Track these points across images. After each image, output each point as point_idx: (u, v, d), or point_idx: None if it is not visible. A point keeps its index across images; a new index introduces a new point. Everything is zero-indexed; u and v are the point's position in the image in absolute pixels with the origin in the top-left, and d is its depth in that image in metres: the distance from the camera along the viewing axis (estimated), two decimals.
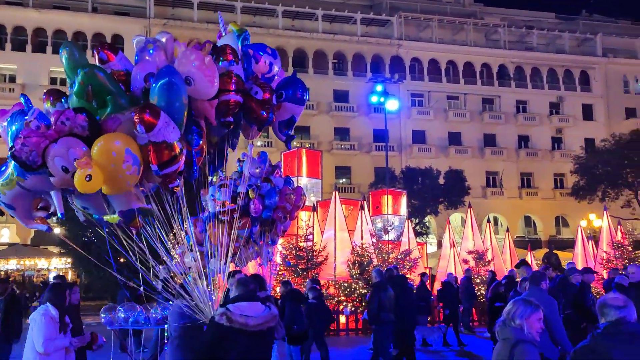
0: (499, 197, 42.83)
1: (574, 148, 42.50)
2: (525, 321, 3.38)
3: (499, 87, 44.89)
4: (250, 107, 4.86)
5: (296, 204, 6.61)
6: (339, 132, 42.11)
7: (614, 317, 3.10)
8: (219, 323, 3.77)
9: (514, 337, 3.36)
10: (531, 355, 3.26)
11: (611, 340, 2.99)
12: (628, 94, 46.90)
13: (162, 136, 4.07)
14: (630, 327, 3.03)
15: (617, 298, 3.21)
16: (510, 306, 3.52)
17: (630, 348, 2.92)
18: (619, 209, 34.92)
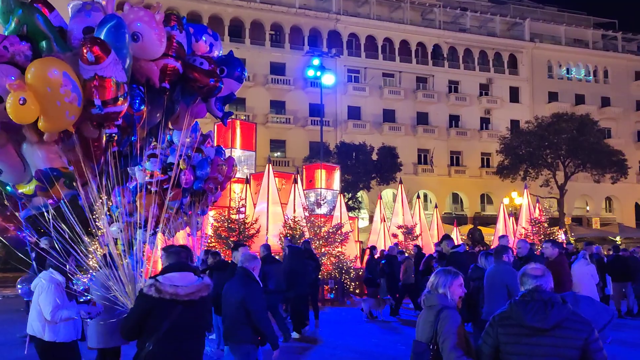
0: (430, 174, 44.13)
1: (501, 129, 44.33)
2: (448, 289, 3.60)
3: (432, 66, 45.85)
4: (195, 78, 4.73)
5: (228, 175, 6.48)
6: (274, 105, 41.72)
7: (531, 285, 3.24)
8: (147, 294, 3.72)
9: (439, 304, 3.55)
10: (453, 318, 3.46)
11: (525, 306, 3.13)
12: (552, 78, 49.22)
13: (110, 72, 3.84)
14: (544, 295, 3.17)
15: (536, 268, 3.34)
16: (434, 277, 3.72)
17: (542, 314, 3.06)
18: (538, 187, 36.98)
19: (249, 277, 5.14)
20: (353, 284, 16.76)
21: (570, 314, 3.11)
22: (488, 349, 3.24)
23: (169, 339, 3.68)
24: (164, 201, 5.50)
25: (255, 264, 5.27)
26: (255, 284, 5.14)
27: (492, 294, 6.46)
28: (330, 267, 16.02)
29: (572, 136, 36.24)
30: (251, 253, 5.79)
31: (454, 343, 3.36)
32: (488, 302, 6.54)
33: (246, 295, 4.98)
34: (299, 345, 9.73)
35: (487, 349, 3.24)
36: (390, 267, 13.65)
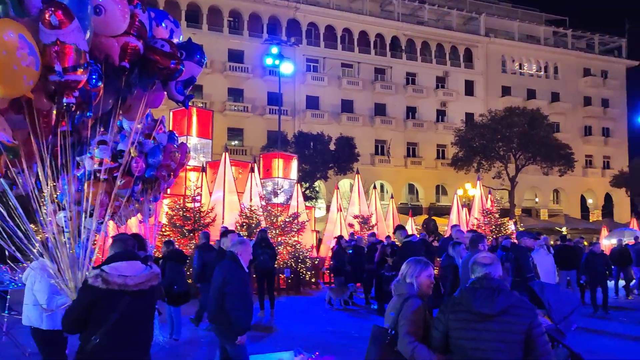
0: (386, 165, 44.63)
1: (456, 121, 45.21)
2: (415, 279, 3.69)
3: (391, 58, 46.24)
4: (155, 60, 4.60)
5: (181, 162, 6.33)
6: (232, 93, 41.22)
7: (481, 273, 3.34)
8: (93, 286, 3.55)
9: (407, 292, 3.65)
10: (415, 306, 3.54)
11: (474, 293, 3.23)
12: (505, 73, 50.49)
13: (73, 38, 3.66)
14: (493, 282, 3.27)
15: (486, 257, 3.44)
16: (405, 266, 3.80)
17: (489, 301, 3.16)
18: (491, 179, 38.00)
19: (235, 261, 5.18)
20: (309, 273, 16.82)
21: (517, 300, 3.20)
22: (439, 334, 3.32)
23: (118, 331, 3.56)
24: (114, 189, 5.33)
25: (243, 249, 5.28)
26: (237, 269, 5.15)
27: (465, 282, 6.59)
28: (287, 256, 16.02)
29: (524, 130, 37.34)
30: (241, 238, 5.82)
31: (407, 329, 3.45)
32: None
33: (225, 278, 5.06)
34: (254, 334, 9.70)
35: (438, 334, 3.33)
36: (357, 256, 13.79)
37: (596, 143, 52.01)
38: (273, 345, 8.34)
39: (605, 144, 52.38)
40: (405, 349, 3.39)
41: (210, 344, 8.74)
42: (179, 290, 8.00)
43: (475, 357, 3.12)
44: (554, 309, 6.34)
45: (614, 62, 54.31)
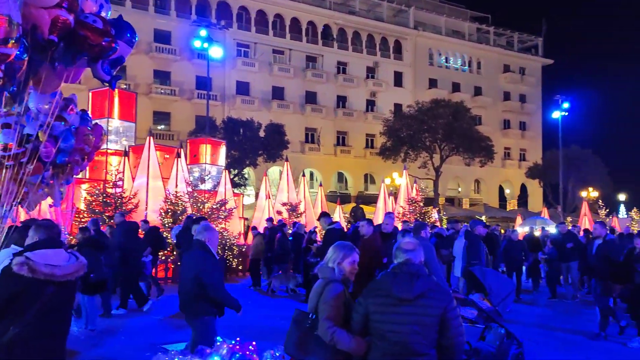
0: (316, 153, 44.86)
1: (385, 111, 46.08)
2: (337, 264, 3.69)
3: (322, 46, 46.33)
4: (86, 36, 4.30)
5: (96, 145, 5.95)
6: (159, 75, 39.84)
7: (402, 258, 3.39)
8: (17, 274, 3.30)
9: (329, 277, 3.65)
10: (335, 291, 3.54)
11: (394, 278, 3.29)
12: (432, 66, 51.98)
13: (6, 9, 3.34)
14: (412, 267, 3.33)
15: (409, 242, 3.50)
16: (331, 250, 3.79)
17: (407, 285, 3.24)
18: (417, 169, 39.11)
19: (204, 249, 5.16)
20: (236, 260, 16.62)
21: (433, 285, 3.29)
22: (359, 317, 3.36)
23: (38, 321, 3.36)
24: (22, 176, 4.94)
25: (210, 235, 5.25)
26: (210, 258, 5.13)
27: None
28: None
29: (448, 121, 38.66)
30: (207, 224, 5.73)
31: (327, 314, 3.46)
32: None
33: (201, 269, 5.02)
34: (177, 323, 9.48)
35: (358, 317, 3.37)
36: (297, 244, 13.82)
37: (514, 136, 54.78)
38: None
39: (522, 137, 55.30)
40: (324, 333, 3.41)
41: (127, 332, 8.46)
42: (97, 279, 7.65)
43: (393, 339, 3.20)
44: (494, 293, 6.75)
45: (531, 59, 57.24)
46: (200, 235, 5.26)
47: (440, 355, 3.24)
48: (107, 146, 16.76)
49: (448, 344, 3.22)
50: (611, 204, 44.63)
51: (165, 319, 9.71)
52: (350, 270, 3.70)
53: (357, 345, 3.34)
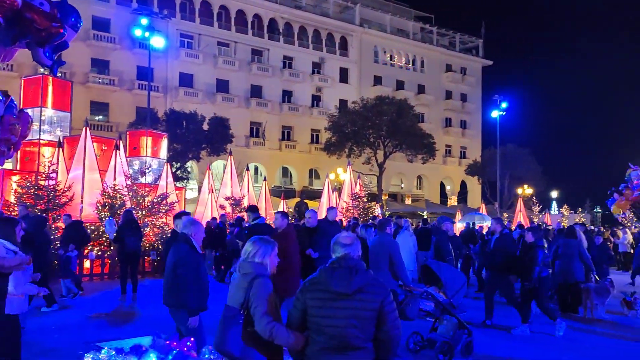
0: (261, 148, 44.54)
1: (330, 107, 46.32)
2: (268, 258, 3.64)
3: (268, 40, 45.97)
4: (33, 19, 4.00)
5: (23, 135, 5.62)
6: (97, 64, 38.38)
7: (341, 253, 3.37)
8: None
9: (254, 272, 3.55)
10: (266, 286, 3.50)
11: (332, 273, 3.26)
12: (377, 63, 52.63)
13: None
14: (351, 262, 3.32)
15: (347, 237, 3.47)
16: (251, 246, 3.69)
17: (346, 280, 3.22)
18: (361, 165, 39.52)
19: (186, 242, 5.20)
20: None
21: (371, 279, 3.29)
22: (297, 312, 3.33)
23: None
24: None
25: (195, 229, 5.29)
26: (191, 251, 5.16)
27: (378, 263, 6.89)
28: (153, 238, 15.32)
29: (392, 118, 39.24)
30: (192, 219, 5.68)
31: (265, 310, 3.41)
32: (374, 270, 6.80)
33: (177, 261, 5.11)
34: (114, 319, 9.16)
35: (296, 312, 3.34)
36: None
37: (455, 134, 56.34)
38: (133, 331, 7.92)
39: (463, 135, 56.96)
40: (263, 329, 3.35)
41: (59, 330, 8.11)
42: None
43: (331, 333, 3.19)
44: (449, 286, 7.01)
45: (471, 60, 59.00)
46: (187, 229, 5.30)
47: (377, 349, 3.26)
48: (40, 136, 15.99)
49: (385, 337, 3.24)
50: (544, 200, 46.81)
51: (96, 316, 9.37)
52: (275, 264, 3.69)
53: (295, 340, 3.31)
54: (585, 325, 9.65)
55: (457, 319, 6.94)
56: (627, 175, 18.04)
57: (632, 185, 17.48)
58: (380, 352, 3.25)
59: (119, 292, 10.96)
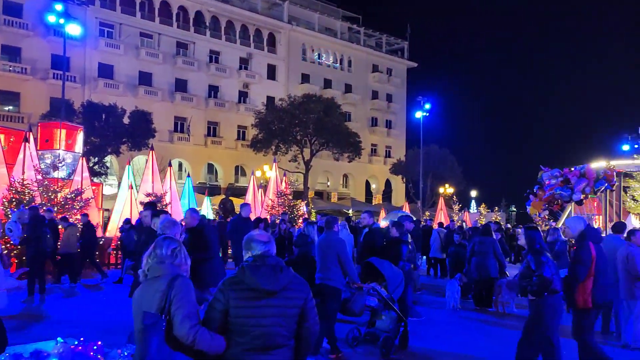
0: (186, 143, 43.44)
1: (257, 104, 45.88)
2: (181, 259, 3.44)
3: (194, 33, 44.86)
4: None
5: None
6: (7, 51, 35.88)
7: (260, 250, 3.29)
8: None
9: (171, 272, 3.34)
10: (189, 287, 3.32)
11: (257, 271, 3.18)
12: (305, 61, 52.75)
13: None
14: (273, 260, 3.28)
15: (262, 234, 3.41)
16: (162, 248, 3.45)
17: (272, 278, 3.17)
18: (287, 162, 39.44)
19: None
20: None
21: (293, 277, 3.27)
22: (218, 314, 3.19)
23: None
24: None
25: (176, 230, 5.12)
26: None
27: (326, 261, 6.95)
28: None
29: (319, 117, 39.46)
30: (171, 219, 5.45)
31: (186, 312, 3.19)
32: (322, 268, 6.98)
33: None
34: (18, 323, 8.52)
35: (217, 314, 3.19)
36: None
37: (380, 134, 57.56)
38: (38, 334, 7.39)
39: (388, 135, 58.30)
40: (186, 334, 3.13)
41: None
42: None
43: (256, 333, 3.12)
44: (390, 281, 7.31)
45: (397, 61, 60.49)
46: (166, 229, 5.11)
47: (298, 345, 3.26)
48: None
49: (307, 333, 3.25)
50: (464, 199, 48.84)
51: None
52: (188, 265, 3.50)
53: (218, 344, 3.16)
54: (498, 319, 10.10)
55: (396, 313, 7.23)
56: (539, 177, 19.05)
57: (544, 186, 18.46)
58: (301, 348, 3.27)
59: (25, 295, 10.25)
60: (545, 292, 5.67)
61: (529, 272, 5.79)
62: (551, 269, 5.73)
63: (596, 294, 6.06)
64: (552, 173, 18.21)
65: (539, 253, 5.81)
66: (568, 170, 17.84)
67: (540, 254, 5.79)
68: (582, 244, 6.14)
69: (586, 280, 6.00)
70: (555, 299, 5.79)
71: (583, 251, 6.07)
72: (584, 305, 6.02)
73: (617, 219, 21.44)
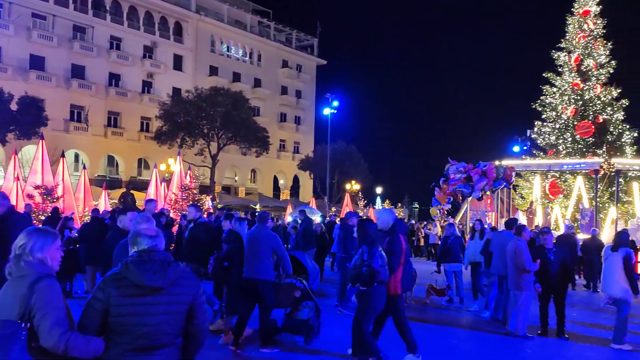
0: (83, 133, 41.03)
1: (162, 94, 44.16)
2: (47, 254, 3.03)
3: (93, 17, 42.33)
4: None
5: None
6: None
7: (147, 245, 3.12)
8: None
9: (36, 272, 2.93)
10: (54, 288, 2.93)
11: (144, 266, 3.00)
12: (214, 53, 51.55)
13: None
14: (160, 254, 3.10)
15: (150, 228, 3.27)
16: (25, 239, 3.02)
17: (160, 274, 2.98)
18: (193, 156, 38.37)
19: None
20: None
21: (182, 272, 3.14)
22: (97, 313, 2.93)
23: None
24: None
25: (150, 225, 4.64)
26: None
27: (258, 254, 7.01)
28: None
29: (227, 110, 38.75)
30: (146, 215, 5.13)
31: (54, 319, 2.82)
32: (250, 262, 7.02)
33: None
34: None
35: (96, 313, 2.93)
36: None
37: (289, 129, 57.65)
38: None
39: (297, 130, 58.53)
40: (56, 344, 2.77)
41: None
42: None
43: (141, 332, 2.93)
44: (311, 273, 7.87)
45: (307, 58, 60.85)
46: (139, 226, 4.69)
47: (186, 342, 3.13)
48: None
49: (196, 330, 3.13)
50: (370, 196, 50.19)
51: None
52: (58, 257, 3.10)
53: (95, 347, 2.88)
54: None
55: (314, 303, 7.56)
56: (445, 169, 19.80)
57: (449, 180, 19.23)
58: (190, 346, 3.14)
59: None
60: (375, 282, 6.05)
61: (362, 262, 6.13)
62: (382, 261, 6.10)
63: (403, 282, 6.69)
64: (457, 167, 19.01)
65: (371, 244, 6.15)
66: (472, 167, 18.71)
67: (373, 245, 6.15)
68: (393, 237, 6.65)
69: (397, 270, 6.55)
70: (383, 289, 6.20)
71: (395, 243, 6.58)
72: (394, 292, 6.56)
73: (507, 215, 22.98)
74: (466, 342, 8.47)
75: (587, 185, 23.78)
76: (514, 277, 8.53)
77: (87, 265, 10.87)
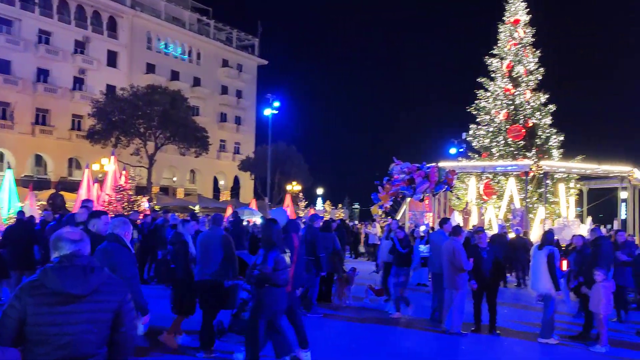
0: (9, 131, 38.91)
1: (95, 92, 42.43)
2: None
3: (20, 9, 40.17)
4: None
5: None
6: None
7: (69, 250, 2.96)
8: None
9: None
10: None
11: (64, 272, 2.85)
12: (150, 50, 50.10)
13: None
14: (84, 260, 2.96)
15: (74, 232, 3.09)
16: None
17: (82, 280, 2.86)
18: (129, 156, 37.13)
19: (120, 243, 5.10)
20: None
21: (107, 278, 2.99)
22: (13, 322, 2.77)
23: None
24: None
25: (127, 229, 5.18)
26: (127, 250, 5.10)
27: (209, 255, 7.07)
28: None
29: (165, 109, 37.79)
30: (122, 218, 5.49)
31: None
32: (203, 263, 7.11)
33: (117, 262, 4.93)
34: None
35: (12, 322, 2.77)
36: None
37: (229, 129, 56.91)
38: None
39: (237, 131, 57.86)
40: None
41: None
42: None
43: (59, 343, 2.77)
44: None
45: (248, 58, 60.30)
46: (118, 229, 5.16)
47: (111, 352, 2.97)
48: None
49: (122, 338, 2.98)
50: (310, 196, 50.28)
51: None
52: None
53: (10, 359, 2.72)
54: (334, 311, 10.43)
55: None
56: (390, 168, 19.99)
57: (392, 180, 19.43)
58: (116, 355, 2.97)
59: None
60: (266, 284, 6.14)
61: (254, 265, 6.26)
62: (279, 264, 6.12)
63: (294, 279, 6.99)
64: (401, 168, 19.24)
65: (270, 247, 6.21)
66: (415, 169, 19.00)
67: (271, 249, 6.20)
68: (286, 235, 7.04)
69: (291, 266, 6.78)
70: (277, 291, 6.25)
71: (287, 242, 6.93)
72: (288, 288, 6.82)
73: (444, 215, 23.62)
74: (404, 341, 8.59)
75: (518, 186, 24.81)
76: (449, 277, 8.73)
77: (12, 271, 10.24)
